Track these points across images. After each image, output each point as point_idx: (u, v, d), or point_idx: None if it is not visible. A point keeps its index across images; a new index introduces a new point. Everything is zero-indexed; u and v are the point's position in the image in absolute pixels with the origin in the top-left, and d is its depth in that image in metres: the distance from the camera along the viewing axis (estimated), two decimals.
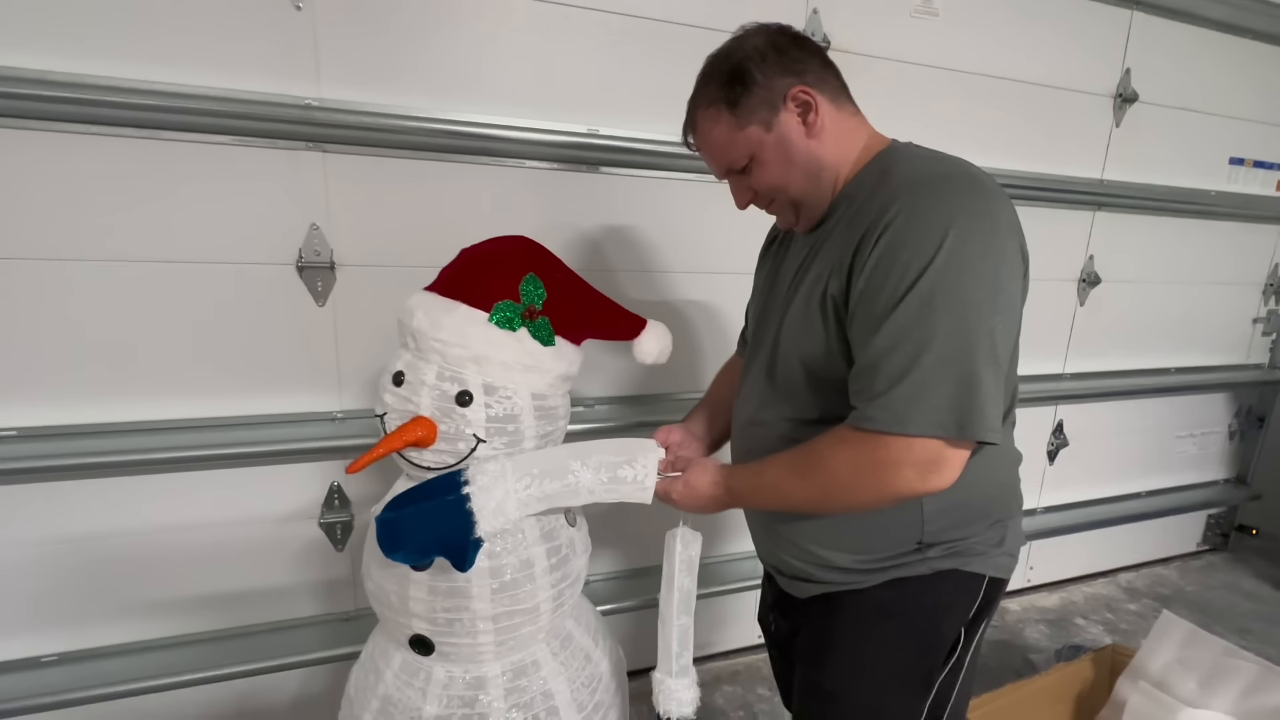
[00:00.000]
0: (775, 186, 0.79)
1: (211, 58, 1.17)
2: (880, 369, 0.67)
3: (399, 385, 0.86)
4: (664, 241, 1.57)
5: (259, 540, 1.38)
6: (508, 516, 0.82)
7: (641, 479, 0.84)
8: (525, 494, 0.82)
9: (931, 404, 0.64)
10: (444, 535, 0.80)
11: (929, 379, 0.64)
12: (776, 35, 0.77)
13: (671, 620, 0.90)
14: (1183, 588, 2.41)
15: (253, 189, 1.24)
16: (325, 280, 1.32)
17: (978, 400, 0.65)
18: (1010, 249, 0.68)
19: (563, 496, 0.83)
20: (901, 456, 0.66)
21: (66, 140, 1.12)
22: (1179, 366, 2.36)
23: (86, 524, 1.26)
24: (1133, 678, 1.37)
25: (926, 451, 0.66)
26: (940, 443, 0.66)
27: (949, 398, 0.64)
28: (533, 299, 0.88)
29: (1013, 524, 0.84)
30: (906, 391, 0.65)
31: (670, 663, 0.90)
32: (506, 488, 0.81)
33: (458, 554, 0.80)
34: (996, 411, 0.67)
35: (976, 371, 0.64)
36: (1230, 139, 2.18)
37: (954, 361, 0.64)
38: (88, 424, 1.23)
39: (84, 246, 1.17)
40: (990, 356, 0.65)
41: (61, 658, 1.29)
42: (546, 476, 0.82)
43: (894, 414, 0.65)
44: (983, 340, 0.65)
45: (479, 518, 0.80)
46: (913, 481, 0.67)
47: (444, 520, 0.80)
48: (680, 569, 0.89)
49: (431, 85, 1.31)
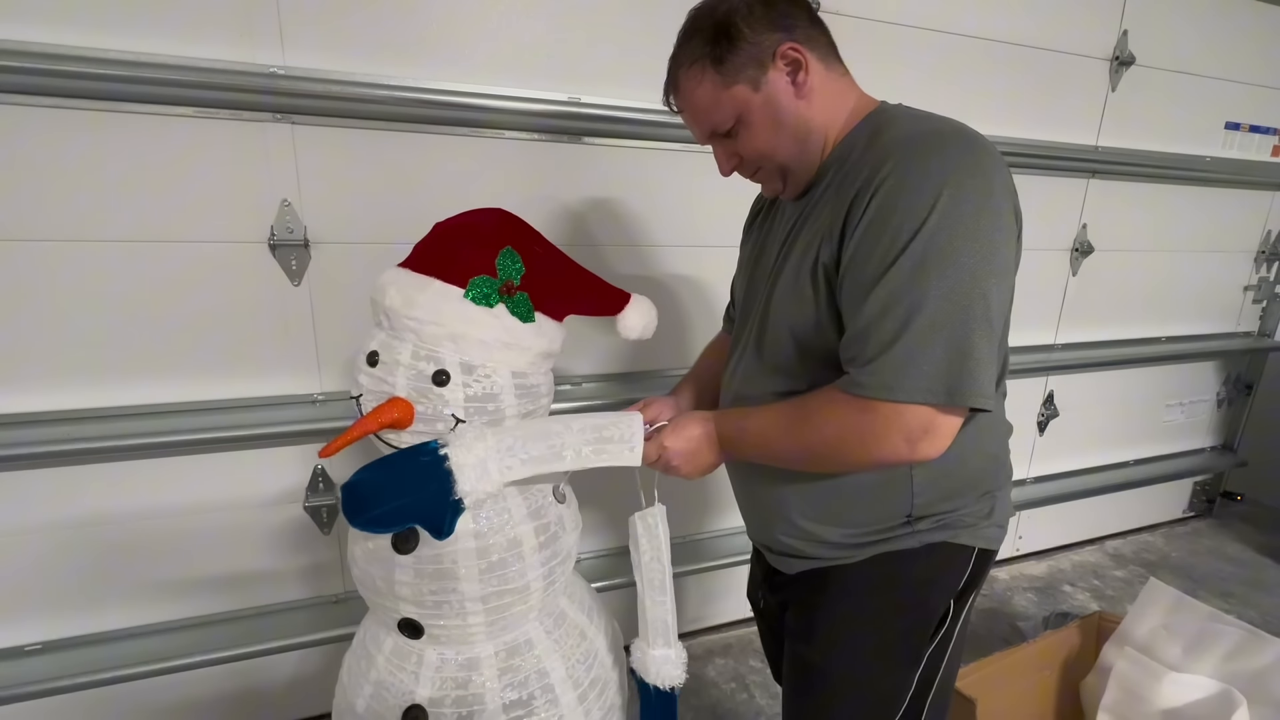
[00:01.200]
0: (762, 152, 0.75)
1: (169, 25, 1.10)
2: (871, 335, 0.65)
3: (374, 366, 0.83)
4: (650, 214, 1.53)
5: (245, 525, 1.36)
6: (490, 478, 0.75)
7: (629, 437, 0.80)
8: (509, 456, 0.76)
9: (922, 370, 0.63)
10: (419, 498, 0.73)
11: (920, 344, 0.63)
12: None
13: (667, 595, 0.89)
14: (1168, 554, 2.45)
15: (218, 164, 1.18)
16: (300, 258, 1.27)
17: (969, 366, 0.63)
18: (1005, 209, 0.66)
19: (547, 459, 0.78)
20: (890, 423, 0.65)
21: (17, 113, 1.06)
22: (1169, 335, 2.36)
23: (65, 512, 1.23)
24: (1119, 644, 1.38)
25: (916, 419, 0.64)
26: (931, 410, 0.64)
27: (940, 363, 0.63)
28: (510, 274, 0.85)
29: (1001, 495, 0.83)
30: (897, 357, 0.63)
31: (668, 634, 0.90)
32: (487, 445, 0.76)
33: (435, 517, 0.73)
34: (989, 377, 0.65)
35: (969, 336, 0.63)
36: (1227, 102, 2.14)
37: (946, 326, 0.62)
38: (60, 410, 1.19)
39: (42, 227, 1.12)
40: (984, 320, 0.63)
41: (45, 646, 1.27)
42: (530, 439, 0.78)
43: (883, 380, 0.64)
44: (976, 304, 0.63)
45: (458, 476, 0.73)
46: (900, 449, 0.66)
47: (419, 481, 0.73)
48: (651, 549, 0.87)
49: (404, 52, 1.25)
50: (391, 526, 0.77)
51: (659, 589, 0.89)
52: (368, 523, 0.75)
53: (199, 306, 1.24)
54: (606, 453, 0.79)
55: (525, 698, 0.89)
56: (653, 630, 0.90)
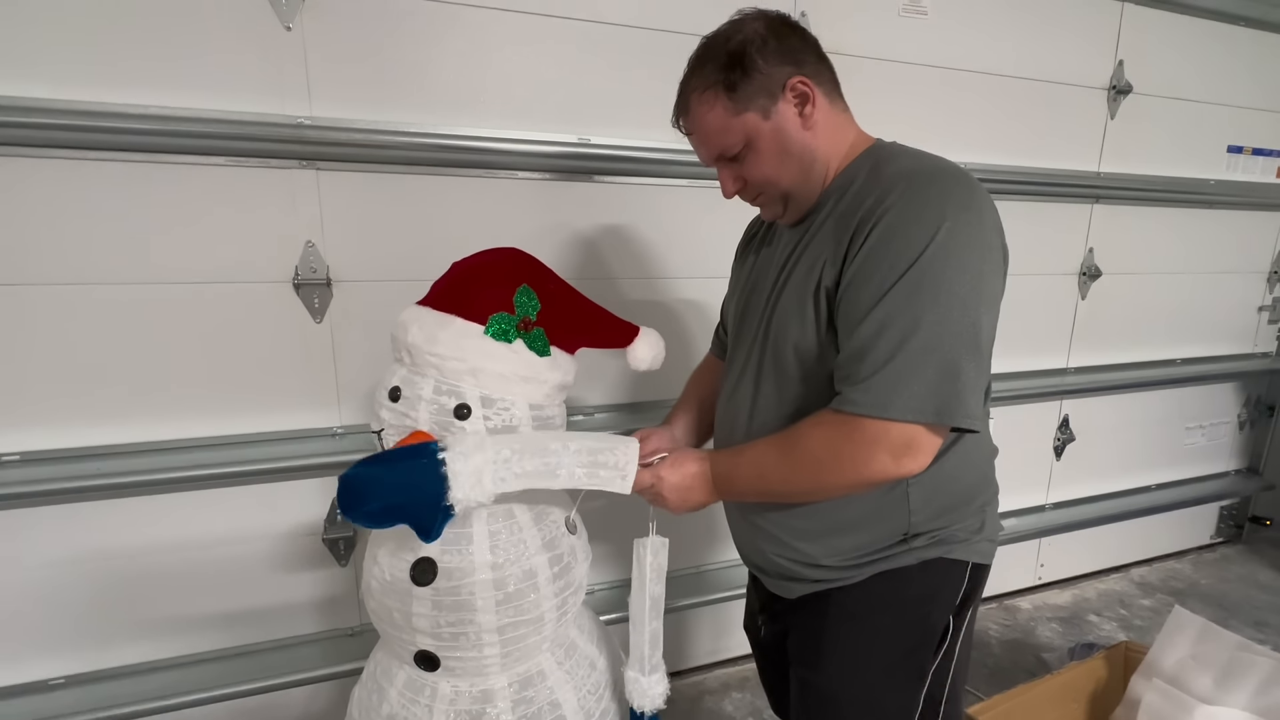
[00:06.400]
0: (768, 177, 0.78)
1: (205, 81, 1.18)
2: (866, 355, 0.67)
3: (395, 400, 0.86)
4: (661, 247, 1.57)
5: (263, 557, 1.38)
6: (483, 488, 0.76)
7: (622, 465, 0.82)
8: (504, 468, 0.78)
9: (912, 389, 0.66)
10: (412, 498, 0.75)
11: (911, 365, 0.65)
12: (776, 22, 0.76)
13: (644, 625, 0.90)
14: (1197, 581, 2.38)
15: (248, 208, 1.25)
16: (322, 296, 1.32)
17: (957, 388, 0.66)
18: (995, 244, 0.70)
19: (541, 476, 0.79)
20: (878, 439, 0.67)
21: (67, 166, 1.14)
22: (1185, 357, 2.34)
23: (89, 546, 1.26)
24: (1146, 675, 1.35)
25: (903, 435, 0.67)
26: (918, 427, 0.67)
27: (930, 384, 0.66)
28: (527, 310, 0.88)
29: (990, 511, 0.86)
30: (889, 377, 0.66)
31: (643, 663, 0.91)
32: (485, 457, 0.77)
33: (425, 520, 0.74)
34: (976, 400, 0.68)
35: (958, 360, 0.66)
36: (1228, 127, 2.17)
37: (937, 349, 0.65)
38: (89, 447, 1.23)
39: (84, 270, 1.18)
40: (973, 346, 0.67)
41: (69, 680, 1.29)
42: (526, 453, 0.79)
43: (876, 398, 0.67)
44: (966, 330, 0.66)
45: (453, 483, 0.74)
46: (887, 465, 0.68)
47: (415, 482, 0.75)
48: (650, 576, 0.88)
49: (421, 100, 1.32)
50: (383, 523, 0.78)
51: (638, 617, 0.90)
52: (361, 517, 0.76)
53: (226, 344, 1.28)
54: (599, 478, 0.81)
55: None
56: (632, 656, 0.93)
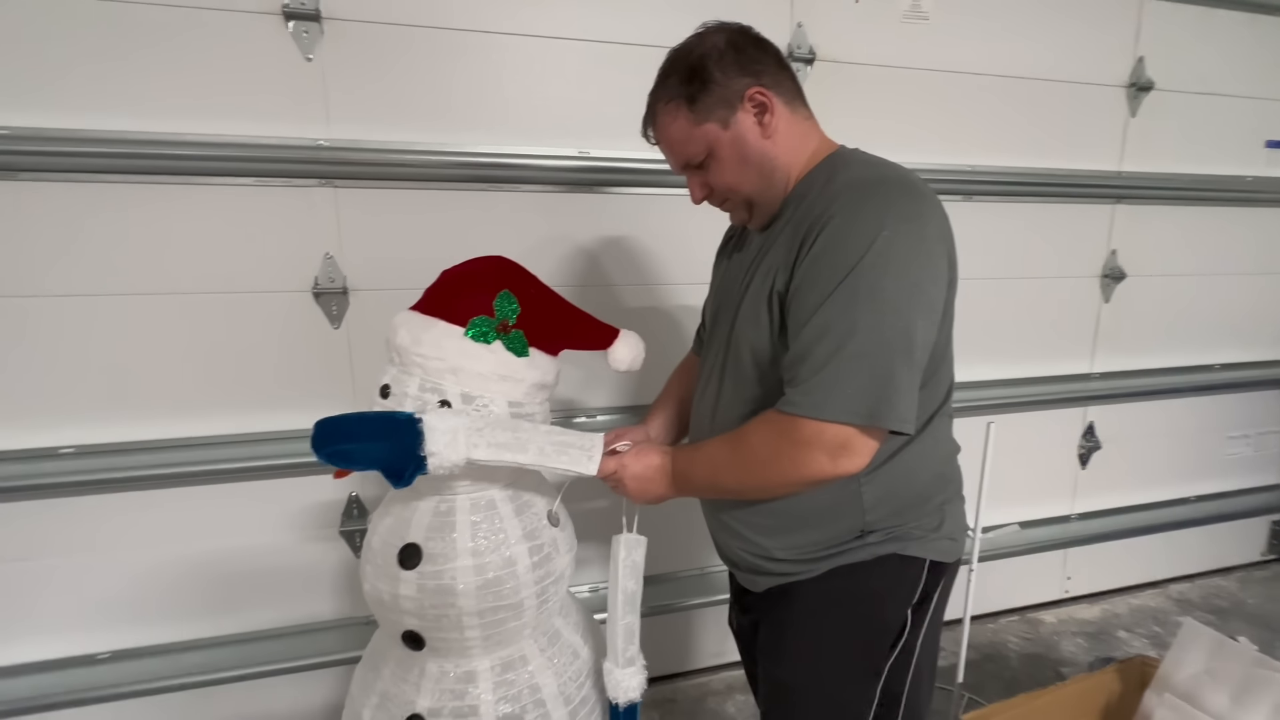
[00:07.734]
0: (730, 184, 0.82)
1: (234, 111, 1.30)
2: (806, 358, 0.71)
3: (386, 397, 0.94)
4: (660, 254, 1.62)
5: (283, 547, 1.49)
6: (457, 448, 0.82)
7: (588, 447, 0.87)
8: (477, 436, 0.83)
9: (846, 392, 0.68)
10: (389, 445, 0.80)
11: (846, 370, 0.68)
12: (736, 35, 0.80)
13: (618, 619, 0.94)
14: (1243, 600, 2.24)
15: (272, 224, 1.36)
16: (339, 304, 1.43)
17: (888, 392, 0.68)
18: (937, 253, 0.72)
19: (511, 448, 0.84)
20: (814, 439, 0.70)
21: (115, 190, 1.28)
22: (1224, 363, 2.23)
23: (135, 533, 1.39)
24: (1159, 690, 1.30)
25: (837, 436, 0.69)
26: (852, 429, 0.69)
27: (862, 388, 0.68)
28: (506, 314, 0.95)
29: (951, 509, 0.86)
30: (825, 380, 0.69)
31: (618, 656, 0.95)
32: (461, 422, 0.83)
33: (399, 465, 0.79)
34: (908, 404, 0.70)
35: (891, 365, 0.68)
36: (1265, 121, 2.07)
37: (870, 355, 0.68)
38: (132, 441, 1.36)
39: (133, 282, 1.32)
40: (906, 353, 0.69)
41: (114, 655, 1.42)
42: (500, 428, 0.85)
43: (812, 400, 0.70)
44: (899, 338, 0.68)
45: (429, 436, 0.80)
46: (824, 464, 0.71)
47: (392, 432, 0.81)
48: (625, 572, 0.92)
49: (431, 121, 1.41)
50: (354, 464, 0.83)
51: (612, 611, 0.95)
52: (332, 454, 0.81)
53: (251, 349, 1.40)
54: (567, 455, 0.86)
55: (518, 711, 0.94)
56: (609, 648, 0.97)
